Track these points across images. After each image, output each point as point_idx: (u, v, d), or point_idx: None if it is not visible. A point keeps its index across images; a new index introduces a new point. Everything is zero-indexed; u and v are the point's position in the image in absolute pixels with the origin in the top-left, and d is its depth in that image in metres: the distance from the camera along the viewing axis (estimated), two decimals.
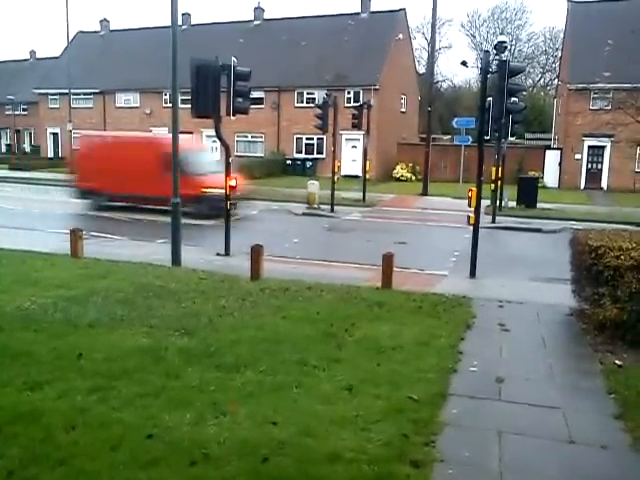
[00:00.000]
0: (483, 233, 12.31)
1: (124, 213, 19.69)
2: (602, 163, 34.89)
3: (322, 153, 37.88)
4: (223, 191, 13.21)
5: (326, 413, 4.87)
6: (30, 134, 55.71)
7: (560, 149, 36.20)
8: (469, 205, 11.56)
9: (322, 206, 22.42)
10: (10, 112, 52.45)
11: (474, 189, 11.30)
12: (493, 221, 19.53)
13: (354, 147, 36.81)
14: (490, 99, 13.22)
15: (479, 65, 14.25)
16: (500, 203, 22.19)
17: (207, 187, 18.74)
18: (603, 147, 34.42)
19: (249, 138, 40.42)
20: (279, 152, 39.29)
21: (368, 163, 26.35)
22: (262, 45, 40.32)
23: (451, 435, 4.68)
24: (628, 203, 25.88)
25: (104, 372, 5.56)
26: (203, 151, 23.16)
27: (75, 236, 11.74)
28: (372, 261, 11.49)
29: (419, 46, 64.20)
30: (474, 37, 67.67)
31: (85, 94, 45.68)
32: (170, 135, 12.29)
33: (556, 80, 50.93)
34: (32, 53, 61.33)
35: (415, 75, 47.98)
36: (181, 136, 12.55)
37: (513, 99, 12.84)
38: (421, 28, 74.14)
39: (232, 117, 12.30)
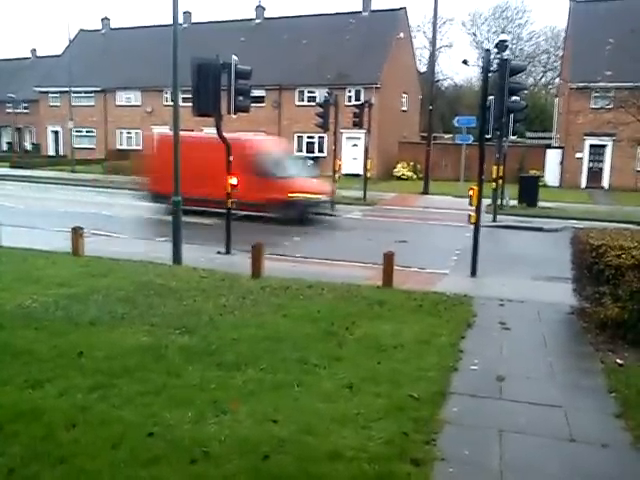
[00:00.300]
0: (484, 232, 12.30)
1: (202, 218, 18.03)
2: (603, 162, 34.87)
3: (323, 152, 37.86)
4: (312, 195, 12.70)
5: (327, 411, 4.87)
6: (31, 132, 55.75)
7: (561, 148, 36.17)
8: (470, 204, 11.55)
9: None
10: (11, 110, 52.43)
11: (475, 188, 11.29)
12: (494, 220, 19.52)
13: (355, 146, 36.82)
14: (491, 98, 13.20)
15: (480, 64, 14.24)
16: (501, 202, 22.18)
17: (295, 191, 17.72)
18: (604, 146, 34.39)
19: None
20: None
21: (369, 162, 26.33)
22: (263, 44, 40.30)
23: (452, 433, 4.68)
24: (629, 202, 25.85)
25: (105, 370, 5.57)
26: (289, 153, 21.39)
27: (76, 234, 11.75)
28: (373, 260, 11.48)
29: (420, 45, 64.25)
30: (475, 36, 67.72)
31: (86, 92, 45.69)
32: (253, 136, 11.66)
33: (557, 79, 50.92)
34: (33, 51, 61.35)
35: (416, 74, 47.97)
36: (265, 137, 12.07)
37: (514, 98, 12.82)
38: (422, 27, 74.31)
39: (233, 115, 12.29)
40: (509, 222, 19.62)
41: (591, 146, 34.84)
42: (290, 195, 17.55)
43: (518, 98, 15.95)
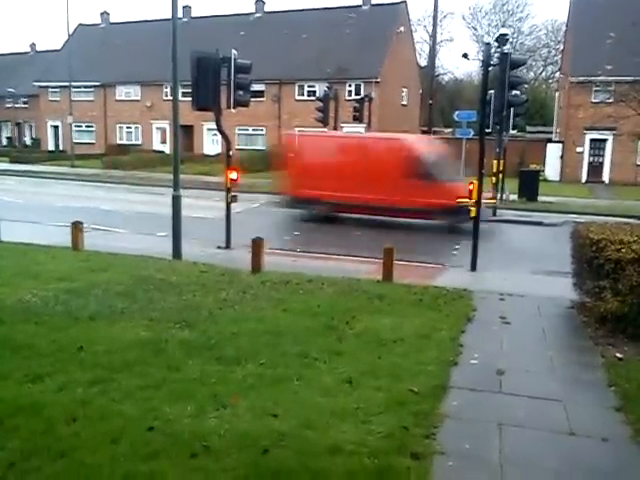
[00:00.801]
0: (484, 226, 12.29)
1: (347, 226, 16.94)
2: (604, 156, 34.81)
3: None
4: (482, 201, 11.94)
5: (326, 405, 4.87)
6: (31, 127, 55.66)
7: (562, 142, 36.11)
8: (470, 198, 11.54)
9: None
10: (11, 105, 52.36)
11: (475, 182, 11.28)
12: (494, 214, 19.48)
13: None
14: (491, 92, 13.18)
15: (480, 58, 14.12)
16: (501, 196, 22.15)
17: (463, 196, 15.51)
18: (605, 140, 34.33)
19: (250, 131, 40.38)
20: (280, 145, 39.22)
21: None
22: (263, 38, 40.19)
23: (451, 427, 4.68)
24: (630, 196, 25.83)
25: (105, 364, 5.57)
26: (445, 154, 19.13)
27: (76, 229, 11.75)
28: (373, 254, 11.48)
29: (420, 39, 64.16)
30: (476, 30, 67.57)
31: (85, 87, 45.59)
32: (413, 136, 10.61)
33: (558, 73, 50.81)
34: (32, 46, 61.18)
35: (416, 68, 47.87)
36: (419, 136, 11.46)
37: (514, 92, 12.81)
38: (422, 21, 74.08)
39: (233, 110, 12.27)
40: (509, 216, 19.59)
41: (591, 140, 34.79)
42: (459, 200, 15.56)
43: (518, 92, 15.92)
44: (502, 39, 13.42)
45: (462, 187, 16.29)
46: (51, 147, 49.03)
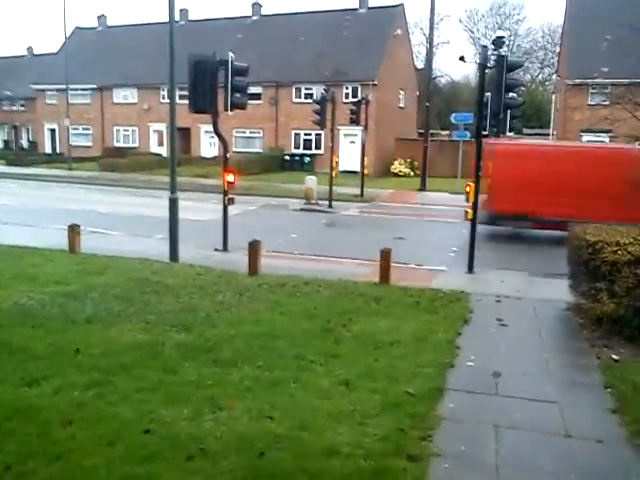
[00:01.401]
0: (481, 228, 12.30)
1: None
2: None
3: (320, 149, 37.82)
4: None
5: (323, 408, 4.88)
6: (28, 130, 55.59)
7: None
8: (467, 200, 11.56)
9: (320, 201, 22.41)
10: (8, 108, 52.29)
11: (472, 184, 11.30)
12: None
13: (352, 143, 36.76)
14: (488, 94, 13.20)
15: (477, 60, 14.11)
16: None
17: None
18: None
19: (247, 134, 40.37)
20: (277, 148, 39.23)
21: (366, 158, 26.30)
22: (260, 41, 40.22)
23: (448, 429, 4.69)
24: None
25: (101, 367, 5.57)
26: None
27: (73, 232, 11.74)
28: (370, 256, 11.48)
29: (417, 42, 64.19)
30: (472, 32, 67.77)
31: (82, 90, 45.50)
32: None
33: (554, 75, 50.92)
34: (30, 49, 61.10)
35: (413, 70, 47.89)
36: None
37: (511, 94, 12.80)
38: (419, 23, 74.02)
39: (230, 112, 12.27)
40: None
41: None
42: None
43: (515, 94, 15.93)
44: (499, 42, 13.43)
45: None
46: (48, 150, 48.94)
